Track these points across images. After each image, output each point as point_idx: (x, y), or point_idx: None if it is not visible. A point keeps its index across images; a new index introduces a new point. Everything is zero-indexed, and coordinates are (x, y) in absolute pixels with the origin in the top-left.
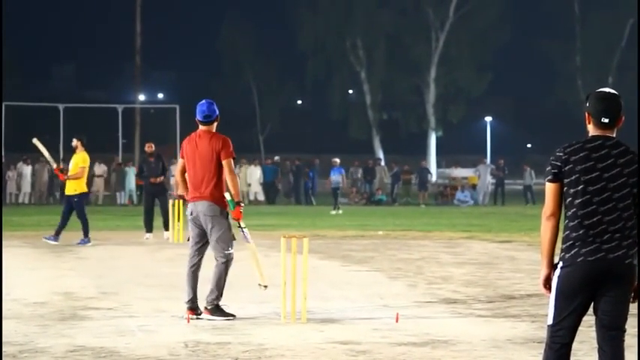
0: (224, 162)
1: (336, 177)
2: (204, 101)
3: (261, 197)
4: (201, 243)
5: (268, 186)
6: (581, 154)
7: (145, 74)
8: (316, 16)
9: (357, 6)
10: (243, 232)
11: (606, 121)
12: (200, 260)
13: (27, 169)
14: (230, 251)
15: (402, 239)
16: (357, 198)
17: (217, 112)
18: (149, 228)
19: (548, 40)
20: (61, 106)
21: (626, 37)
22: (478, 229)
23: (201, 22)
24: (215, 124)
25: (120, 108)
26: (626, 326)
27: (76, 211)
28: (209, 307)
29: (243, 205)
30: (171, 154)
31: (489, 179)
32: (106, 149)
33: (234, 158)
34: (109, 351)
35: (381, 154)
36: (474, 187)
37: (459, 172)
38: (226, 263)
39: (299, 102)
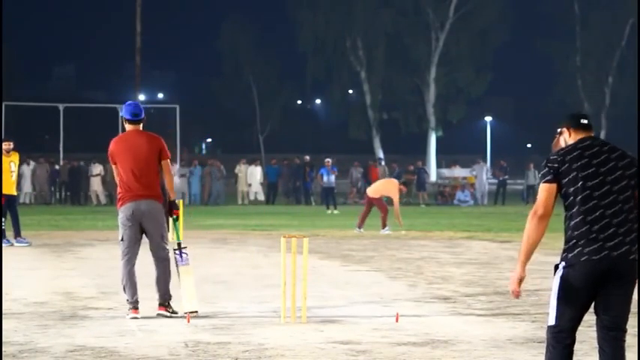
0: (164, 162)
1: (329, 177)
2: (131, 102)
3: (261, 197)
4: (139, 242)
5: (271, 186)
6: (575, 154)
7: (145, 74)
8: (316, 16)
9: (357, 6)
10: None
11: (585, 121)
12: (136, 259)
13: (27, 169)
14: (169, 246)
15: (402, 239)
16: (356, 198)
17: (144, 114)
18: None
19: (548, 40)
20: (61, 106)
21: (626, 37)
22: (478, 229)
23: (202, 22)
24: (142, 124)
25: (120, 108)
26: (627, 326)
27: (8, 210)
28: (166, 304)
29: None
30: (171, 155)
31: (485, 179)
32: (105, 149)
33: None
34: (109, 351)
35: (381, 154)
36: (472, 186)
37: (457, 172)
38: (169, 260)
39: (299, 102)
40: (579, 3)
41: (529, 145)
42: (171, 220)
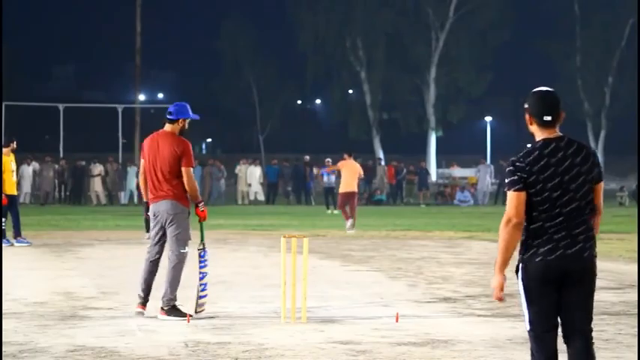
0: (184, 169)
1: (329, 177)
2: (178, 102)
3: (261, 197)
4: (160, 243)
5: (271, 186)
6: (542, 163)
7: (145, 74)
8: (316, 16)
9: (357, 6)
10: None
11: (549, 119)
12: (160, 258)
13: (27, 170)
14: (185, 250)
15: (402, 239)
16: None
17: (186, 115)
18: (149, 227)
19: (548, 40)
20: (61, 106)
21: (626, 37)
22: (478, 229)
23: (202, 21)
24: (178, 126)
25: (120, 108)
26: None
27: (9, 210)
28: (165, 308)
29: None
30: None
31: (489, 179)
32: (105, 149)
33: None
34: (109, 351)
35: (381, 154)
36: (473, 186)
37: (460, 172)
38: (179, 263)
39: (299, 102)
40: (579, 3)
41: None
42: (197, 221)
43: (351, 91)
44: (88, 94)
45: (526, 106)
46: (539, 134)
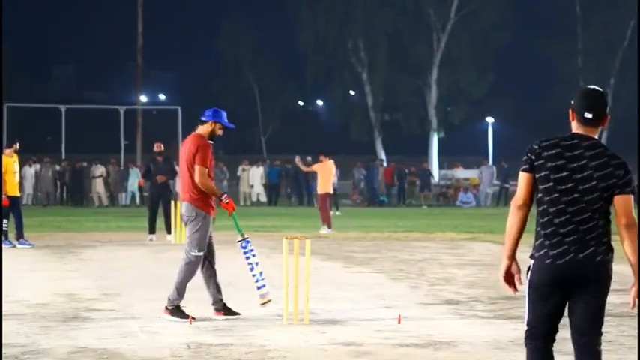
0: (196, 167)
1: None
2: (217, 108)
3: (263, 198)
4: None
5: (273, 188)
6: (554, 152)
7: (144, 74)
8: (316, 16)
9: (357, 6)
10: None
11: (589, 116)
12: (207, 261)
13: (29, 171)
14: (198, 253)
15: (404, 240)
16: (358, 199)
17: (216, 119)
18: (152, 229)
19: (549, 41)
20: (62, 107)
21: (628, 38)
22: (480, 231)
23: (202, 21)
24: (208, 129)
25: (122, 109)
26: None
27: (12, 212)
28: (169, 307)
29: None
30: (173, 156)
31: (491, 180)
32: (107, 150)
33: (207, 167)
34: (112, 352)
35: (382, 156)
36: (476, 187)
37: (462, 174)
38: (189, 264)
39: (300, 103)
40: (581, 4)
41: None
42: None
43: (352, 93)
44: (88, 94)
45: (572, 102)
46: (574, 131)
